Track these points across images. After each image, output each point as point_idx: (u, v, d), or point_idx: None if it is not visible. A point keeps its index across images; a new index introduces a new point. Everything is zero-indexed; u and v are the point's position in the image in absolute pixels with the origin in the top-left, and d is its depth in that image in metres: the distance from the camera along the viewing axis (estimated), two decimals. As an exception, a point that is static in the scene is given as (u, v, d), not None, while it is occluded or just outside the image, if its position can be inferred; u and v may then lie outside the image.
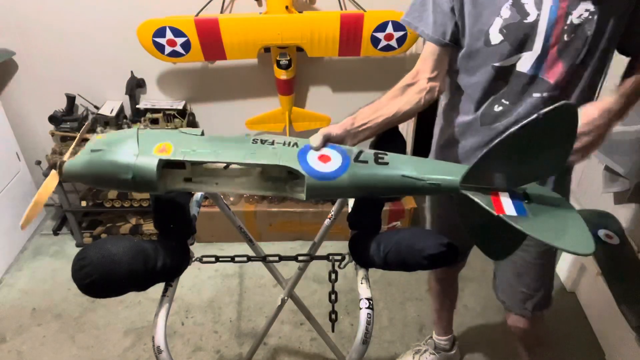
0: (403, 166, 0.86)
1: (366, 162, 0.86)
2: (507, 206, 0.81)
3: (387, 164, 0.87)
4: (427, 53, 1.09)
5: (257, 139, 0.87)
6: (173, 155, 0.82)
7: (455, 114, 1.15)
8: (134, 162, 0.81)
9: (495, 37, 0.98)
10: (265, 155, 0.85)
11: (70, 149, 0.90)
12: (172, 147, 0.83)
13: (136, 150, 0.82)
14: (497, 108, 1.05)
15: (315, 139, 0.87)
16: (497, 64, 1.00)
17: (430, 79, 1.08)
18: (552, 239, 0.78)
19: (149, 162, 0.81)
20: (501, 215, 0.79)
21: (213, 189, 0.92)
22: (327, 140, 0.89)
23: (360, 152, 0.88)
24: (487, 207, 0.80)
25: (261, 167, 0.89)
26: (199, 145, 0.85)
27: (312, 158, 0.86)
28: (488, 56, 1.00)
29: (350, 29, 2.01)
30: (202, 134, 0.88)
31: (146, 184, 0.82)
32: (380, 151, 0.89)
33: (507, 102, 1.04)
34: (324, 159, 0.86)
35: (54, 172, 0.86)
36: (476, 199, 0.81)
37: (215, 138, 0.87)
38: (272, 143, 0.87)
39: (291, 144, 0.87)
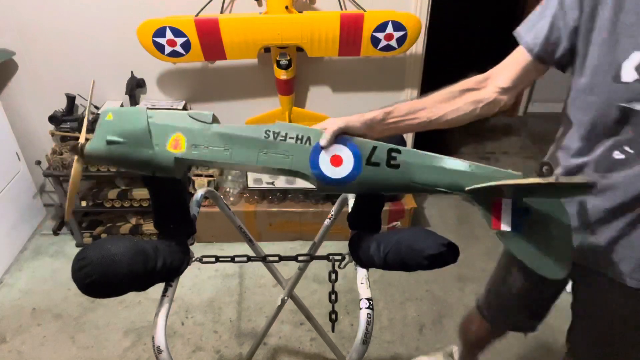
0: (414, 170, 0.88)
1: (378, 164, 0.87)
2: (505, 220, 0.86)
3: (398, 166, 0.87)
4: (513, 60, 0.94)
5: (270, 132, 0.87)
6: (187, 153, 0.86)
7: (566, 152, 0.98)
8: (151, 159, 0.86)
9: (629, 74, 0.80)
10: (276, 155, 0.87)
11: (83, 131, 0.93)
12: (185, 141, 0.86)
13: (151, 146, 0.86)
14: (618, 155, 0.87)
15: (324, 138, 0.85)
16: (624, 105, 0.83)
17: (501, 91, 0.94)
18: (530, 260, 0.86)
19: (166, 160, 0.86)
20: (495, 230, 0.85)
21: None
22: (343, 133, 0.87)
23: (374, 150, 0.87)
24: (485, 220, 0.86)
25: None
26: (211, 140, 0.87)
27: (324, 161, 0.87)
28: (614, 94, 0.83)
29: (350, 29, 2.01)
30: (213, 118, 0.88)
31: (165, 173, 0.90)
32: (394, 148, 0.88)
33: (632, 151, 0.85)
34: (336, 161, 0.87)
35: (77, 158, 0.90)
36: (479, 209, 0.86)
37: (227, 132, 0.87)
38: (285, 138, 0.86)
39: (304, 139, 0.87)
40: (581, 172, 0.94)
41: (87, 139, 0.90)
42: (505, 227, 0.85)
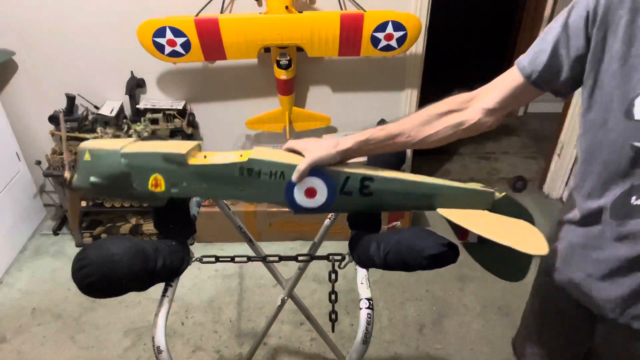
0: (386, 197, 0.91)
1: (350, 193, 0.90)
2: (472, 233, 0.90)
3: (371, 194, 0.90)
4: (503, 81, 0.87)
5: (244, 169, 0.88)
6: (167, 192, 0.90)
7: (581, 193, 0.87)
8: (135, 196, 0.91)
9: None
10: (252, 191, 0.90)
11: (67, 167, 0.98)
12: (164, 180, 0.89)
13: (132, 186, 0.90)
14: (635, 201, 0.77)
15: (296, 175, 0.87)
16: (638, 145, 0.75)
17: (485, 112, 0.88)
18: (491, 267, 0.94)
19: (148, 197, 0.91)
20: (461, 241, 0.91)
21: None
22: (316, 166, 0.88)
23: (347, 180, 0.89)
24: (453, 232, 0.94)
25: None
26: (188, 178, 0.89)
27: (299, 193, 0.90)
28: (628, 132, 0.75)
29: (350, 29, 2.01)
30: (185, 158, 0.88)
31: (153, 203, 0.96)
32: (367, 176, 0.90)
33: None
34: (310, 193, 0.90)
35: (70, 191, 0.98)
36: (449, 224, 0.93)
37: (202, 171, 0.89)
38: (259, 174, 0.88)
39: (277, 175, 0.88)
40: (598, 219, 0.84)
41: (72, 172, 0.95)
42: (471, 238, 0.91)
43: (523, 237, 0.83)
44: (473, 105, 0.89)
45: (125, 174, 0.88)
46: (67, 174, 0.96)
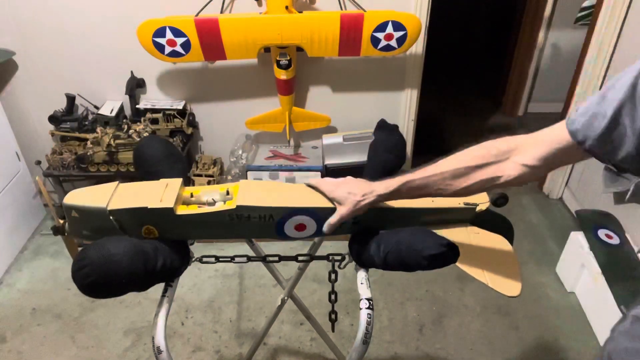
0: (374, 224, 0.96)
1: (339, 225, 0.93)
2: None
3: (358, 223, 0.96)
4: (549, 138, 0.75)
5: (233, 215, 0.89)
6: (162, 237, 0.91)
7: None
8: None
9: None
10: (244, 231, 0.93)
11: (55, 217, 0.99)
12: (156, 230, 0.90)
13: (126, 235, 0.90)
14: None
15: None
16: None
17: (526, 168, 0.77)
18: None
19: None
20: None
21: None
22: None
23: None
24: None
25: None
26: (179, 226, 0.90)
27: (289, 229, 0.93)
28: None
29: (350, 29, 2.01)
30: (173, 211, 0.88)
31: None
32: None
33: None
34: (300, 227, 0.93)
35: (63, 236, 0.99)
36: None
37: (192, 219, 0.90)
38: (249, 218, 0.90)
39: (266, 218, 0.90)
40: None
41: (64, 222, 0.96)
42: None
43: (499, 267, 0.92)
44: (512, 158, 0.79)
45: (116, 228, 0.89)
46: (57, 222, 0.96)
